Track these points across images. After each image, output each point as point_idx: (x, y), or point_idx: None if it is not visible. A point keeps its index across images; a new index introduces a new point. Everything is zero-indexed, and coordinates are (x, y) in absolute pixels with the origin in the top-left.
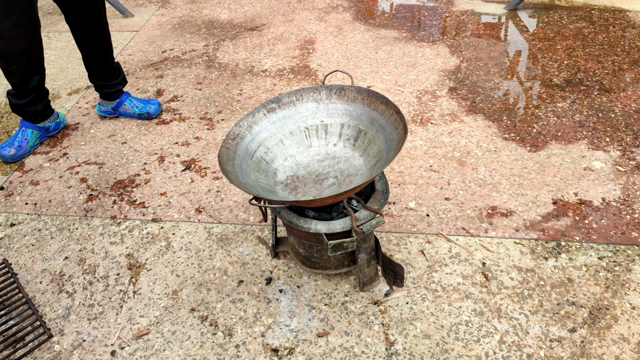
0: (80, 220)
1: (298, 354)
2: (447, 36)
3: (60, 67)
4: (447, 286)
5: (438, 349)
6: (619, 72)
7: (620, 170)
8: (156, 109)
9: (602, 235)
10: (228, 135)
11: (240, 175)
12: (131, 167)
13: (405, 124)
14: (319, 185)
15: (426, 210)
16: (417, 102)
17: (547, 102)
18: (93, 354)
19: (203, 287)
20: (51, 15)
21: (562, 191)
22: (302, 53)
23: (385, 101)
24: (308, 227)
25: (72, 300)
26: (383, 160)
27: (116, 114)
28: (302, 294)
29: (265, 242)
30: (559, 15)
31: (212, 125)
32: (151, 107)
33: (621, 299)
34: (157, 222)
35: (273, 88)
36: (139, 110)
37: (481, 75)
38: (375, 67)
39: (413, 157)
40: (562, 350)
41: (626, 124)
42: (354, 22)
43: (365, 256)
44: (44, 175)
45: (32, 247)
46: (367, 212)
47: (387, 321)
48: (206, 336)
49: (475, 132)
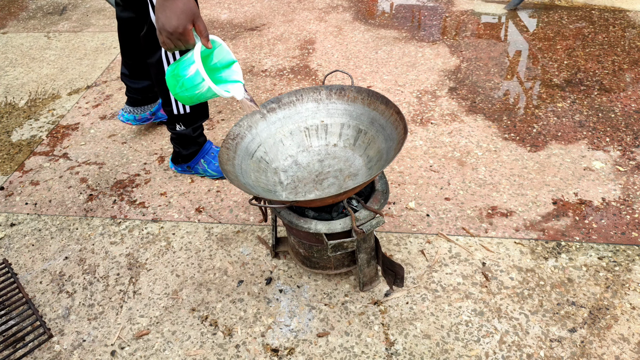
0: (80, 220)
1: (298, 354)
2: (447, 36)
3: (60, 67)
4: (447, 286)
5: (438, 349)
6: (619, 72)
7: (620, 170)
8: None
9: (602, 235)
10: (228, 136)
11: (241, 176)
12: (131, 167)
13: (405, 124)
14: (319, 185)
15: (426, 210)
16: (417, 102)
17: (547, 102)
18: (93, 354)
19: (203, 287)
20: (51, 15)
21: (562, 191)
22: (302, 53)
23: (385, 101)
24: (308, 227)
25: (72, 300)
26: (383, 160)
27: (153, 118)
28: (302, 294)
29: (265, 242)
30: (559, 15)
31: (212, 125)
32: None
33: (621, 299)
34: (157, 222)
35: (273, 88)
36: None
37: (481, 75)
38: (375, 67)
39: (413, 157)
40: (562, 350)
41: (626, 124)
42: (354, 22)
43: (365, 256)
44: (44, 175)
45: (32, 247)
46: (367, 212)
47: (387, 321)
48: (206, 336)
49: (475, 132)
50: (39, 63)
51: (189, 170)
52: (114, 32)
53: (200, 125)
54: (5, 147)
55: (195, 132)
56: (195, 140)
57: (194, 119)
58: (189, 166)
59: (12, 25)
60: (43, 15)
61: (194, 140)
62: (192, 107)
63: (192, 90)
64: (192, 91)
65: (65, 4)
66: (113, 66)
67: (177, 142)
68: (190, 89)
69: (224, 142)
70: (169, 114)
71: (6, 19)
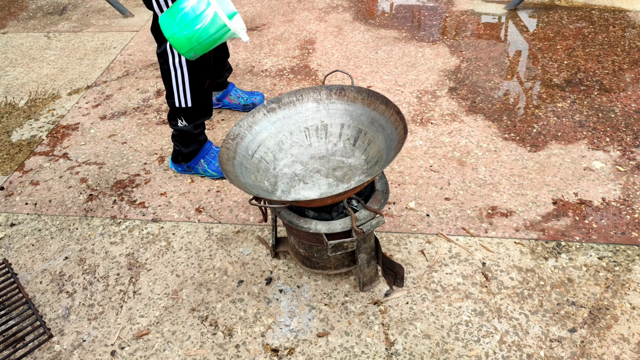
0: (80, 220)
1: (298, 354)
2: (447, 36)
3: (60, 67)
4: (447, 286)
5: (438, 349)
6: (619, 72)
7: (620, 170)
8: (261, 100)
9: (602, 235)
10: (228, 135)
11: (241, 175)
12: (131, 167)
13: (405, 124)
14: (319, 185)
15: (426, 210)
16: (417, 102)
17: (547, 102)
18: (93, 354)
19: (203, 287)
20: (51, 15)
21: (562, 191)
22: (302, 53)
23: (385, 101)
24: (308, 227)
25: (72, 300)
26: (383, 160)
27: (219, 104)
28: (302, 294)
29: (265, 242)
30: (559, 15)
31: (212, 125)
32: (256, 98)
33: (621, 299)
34: (157, 222)
35: (273, 88)
36: (244, 101)
37: (481, 75)
38: (375, 67)
39: (413, 157)
40: (562, 350)
41: (626, 124)
42: (354, 22)
43: (365, 256)
44: (44, 175)
45: (32, 247)
46: (367, 212)
47: (387, 321)
48: (206, 336)
49: (475, 132)
50: (39, 63)
51: (189, 170)
52: (114, 32)
53: (202, 123)
54: (5, 147)
55: (196, 130)
56: (196, 138)
57: (196, 114)
58: (189, 166)
59: (12, 25)
60: (43, 15)
61: (195, 138)
62: (195, 101)
63: (192, 24)
64: (192, 26)
65: (65, 4)
66: (113, 66)
67: (177, 140)
68: (189, 24)
69: (224, 142)
70: (171, 106)
71: (6, 19)
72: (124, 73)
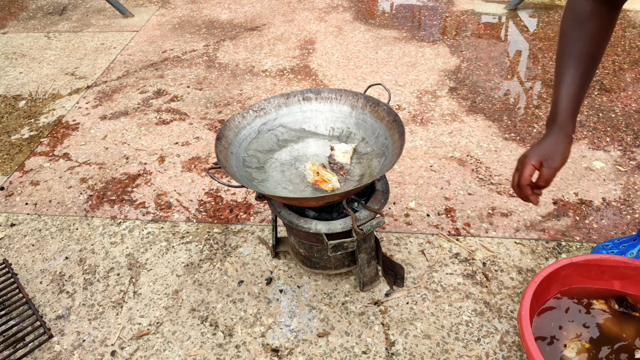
0: (80, 220)
1: (298, 354)
2: (447, 36)
3: (60, 67)
4: (448, 286)
5: (438, 349)
6: (619, 72)
7: (620, 170)
8: None
9: (602, 235)
10: (252, 107)
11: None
12: (131, 167)
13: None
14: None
15: (426, 210)
16: (417, 102)
17: (547, 102)
18: (93, 354)
19: (203, 287)
20: (51, 15)
21: (562, 191)
22: (302, 53)
23: (401, 132)
24: (308, 227)
25: (72, 300)
26: (380, 169)
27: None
28: (303, 294)
29: (265, 242)
30: (559, 15)
31: (213, 125)
32: None
33: None
34: (157, 222)
35: (273, 88)
36: None
37: (481, 75)
38: (376, 67)
39: (413, 157)
40: None
41: (626, 124)
42: (354, 22)
43: (366, 256)
44: (44, 176)
45: (32, 247)
46: (368, 212)
47: (387, 321)
48: (206, 336)
49: (475, 132)
50: (39, 63)
51: None
52: (114, 32)
53: None
54: (5, 147)
55: None
56: None
57: None
58: None
59: (12, 25)
60: (43, 15)
61: None
62: None
63: None
64: None
65: (65, 4)
66: (113, 66)
67: None
68: None
69: (244, 110)
70: None
71: (6, 19)
72: (124, 73)
